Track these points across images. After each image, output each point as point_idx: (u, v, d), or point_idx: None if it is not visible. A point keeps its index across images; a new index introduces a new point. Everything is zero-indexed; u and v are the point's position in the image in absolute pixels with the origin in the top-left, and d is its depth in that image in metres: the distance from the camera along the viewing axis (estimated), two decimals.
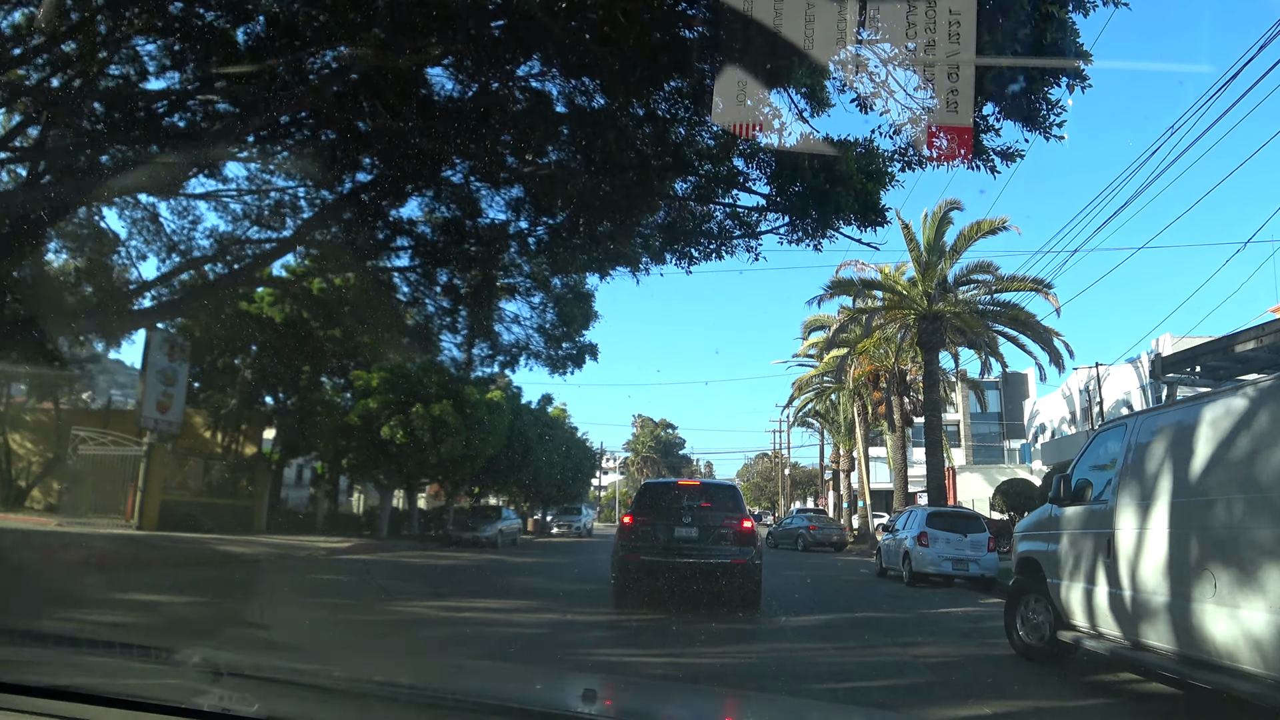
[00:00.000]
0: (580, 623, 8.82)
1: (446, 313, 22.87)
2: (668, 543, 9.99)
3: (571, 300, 20.67)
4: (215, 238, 18.49)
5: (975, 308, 25.58)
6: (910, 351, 28.48)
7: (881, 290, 26.76)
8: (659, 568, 9.87)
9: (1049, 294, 24.40)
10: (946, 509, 18.51)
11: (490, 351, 23.18)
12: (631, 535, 10.19)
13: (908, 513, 17.46)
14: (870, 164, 7.71)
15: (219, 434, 28.62)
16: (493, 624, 8.43)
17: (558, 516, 43.19)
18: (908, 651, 7.57)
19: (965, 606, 12.40)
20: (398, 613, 9.13)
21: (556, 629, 8.06)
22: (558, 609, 9.91)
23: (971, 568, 15.38)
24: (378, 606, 9.42)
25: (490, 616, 9.12)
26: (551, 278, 20.42)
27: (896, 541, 16.94)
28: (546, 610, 9.92)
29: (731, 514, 10.43)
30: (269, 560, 16.94)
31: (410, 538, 27.40)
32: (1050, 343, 24.20)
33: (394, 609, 9.42)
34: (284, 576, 13.50)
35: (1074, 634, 6.67)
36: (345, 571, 15.05)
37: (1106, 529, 6.23)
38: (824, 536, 31.20)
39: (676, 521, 10.18)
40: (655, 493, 11.56)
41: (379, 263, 20.75)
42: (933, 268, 25.97)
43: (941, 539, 15.58)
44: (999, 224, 25.33)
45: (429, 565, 17.77)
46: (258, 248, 18.35)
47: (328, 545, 21.23)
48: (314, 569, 15.24)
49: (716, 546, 10.07)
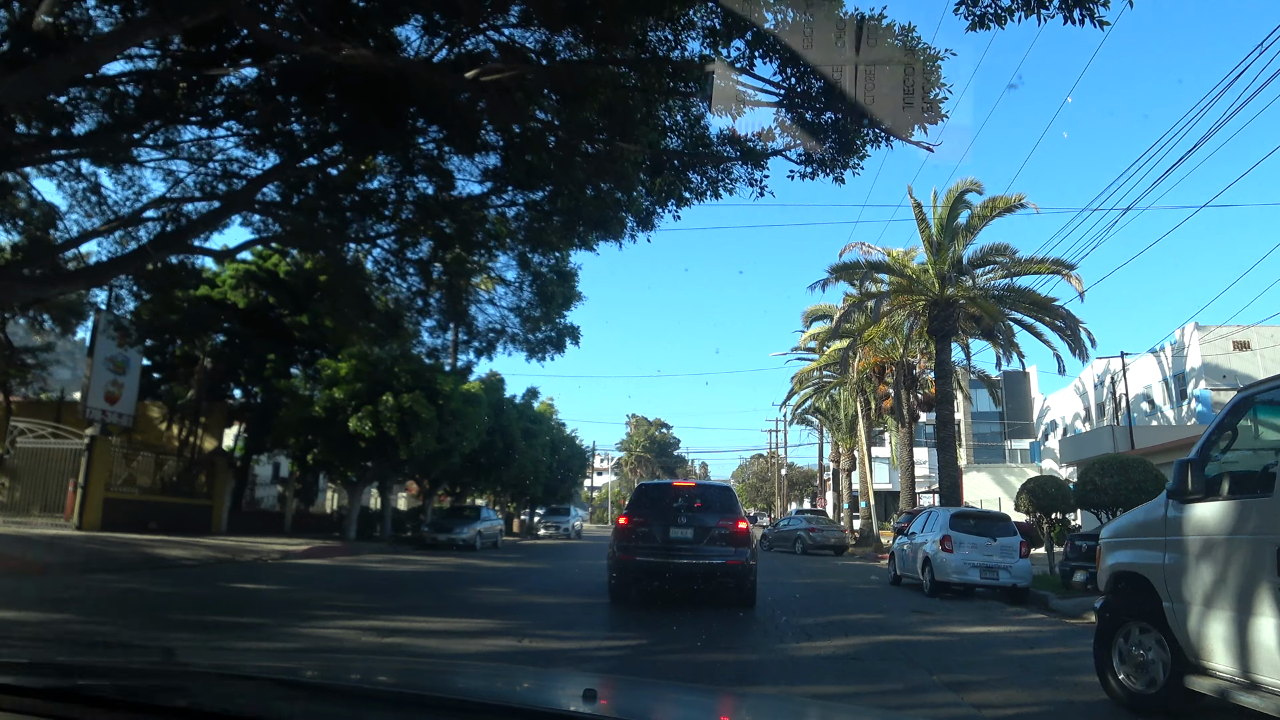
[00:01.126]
0: (536, 653, 6.85)
1: (418, 294, 20.98)
2: (663, 543, 10.11)
3: (553, 280, 18.72)
4: (157, 200, 16.60)
5: (992, 292, 23.69)
6: (920, 342, 26.58)
7: (890, 274, 24.84)
8: (654, 568, 10.05)
9: (1072, 276, 22.52)
10: (972, 509, 16.59)
11: (466, 337, 21.24)
12: (627, 536, 10.32)
13: (926, 514, 15.53)
14: (911, 38, 5.81)
15: (177, 428, 26.54)
16: (420, 653, 6.47)
17: (545, 518, 41.14)
18: (964, 698, 5.65)
19: (1007, 625, 10.48)
20: (302, 636, 7.16)
21: (501, 662, 6.10)
22: (515, 631, 7.97)
23: (1001, 576, 13.47)
24: (280, 628, 7.43)
25: (422, 643, 7.15)
26: (531, 254, 18.48)
27: (914, 546, 15.03)
28: (501, 633, 7.97)
29: (726, 515, 10.47)
30: (204, 566, 14.98)
31: (381, 540, 25.39)
32: (1075, 329, 22.30)
33: (300, 630, 7.45)
34: (199, 586, 11.52)
35: (1214, 682, 4.75)
36: (282, 580, 13.07)
37: (1273, 533, 4.31)
38: (823, 539, 29.75)
39: (672, 522, 10.25)
40: (651, 494, 11.42)
41: (346, 238, 18.97)
42: (945, 249, 24.07)
43: (967, 543, 13.67)
44: (1016, 201, 23.47)
45: (386, 572, 15.79)
46: (207, 206, 16.40)
47: (283, 548, 19.27)
48: (246, 576, 13.25)
49: (712, 547, 10.14)
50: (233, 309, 26.70)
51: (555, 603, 11.23)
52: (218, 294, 26.70)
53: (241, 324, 26.93)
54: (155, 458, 23.69)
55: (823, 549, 29.19)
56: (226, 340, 27.20)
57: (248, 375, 27.02)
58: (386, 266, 20.07)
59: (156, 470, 23.71)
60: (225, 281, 26.59)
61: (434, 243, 18.70)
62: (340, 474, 24.20)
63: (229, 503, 26.41)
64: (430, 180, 17.31)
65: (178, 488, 24.48)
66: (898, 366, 28.73)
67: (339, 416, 22.74)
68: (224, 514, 25.79)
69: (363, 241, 19.04)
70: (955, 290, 24.12)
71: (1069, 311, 22.39)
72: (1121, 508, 14.15)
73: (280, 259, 27.10)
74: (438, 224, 17.81)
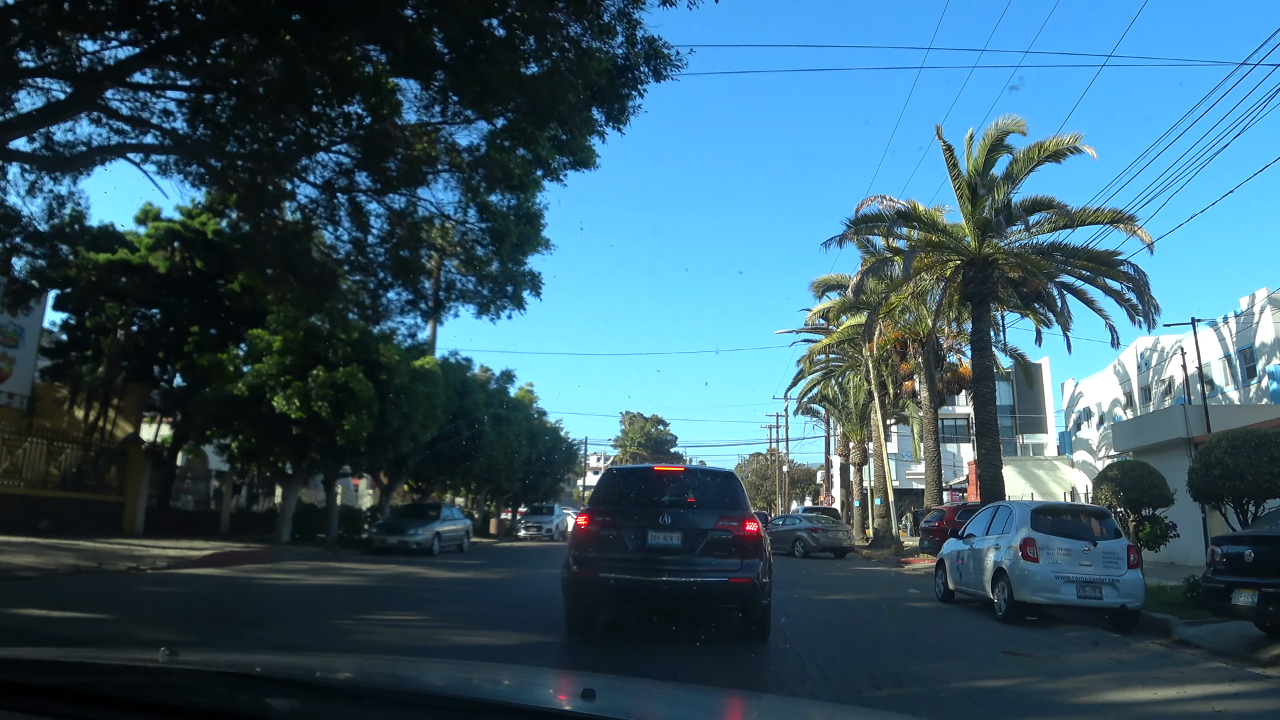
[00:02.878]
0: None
1: (357, 247, 17.31)
2: (639, 553, 7.21)
3: (508, 218, 14.96)
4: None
5: (1039, 248, 20.05)
6: (950, 312, 22.88)
7: (918, 228, 21.14)
8: (626, 589, 7.20)
9: (1136, 228, 18.86)
10: (1060, 504, 12.95)
11: (411, 296, 17.47)
12: (588, 543, 7.36)
13: (991, 511, 11.80)
14: None
15: (81, 411, 22.79)
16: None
17: (526, 517, 37.36)
18: None
19: (1178, 684, 6.73)
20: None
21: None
22: None
23: (1106, 593, 9.83)
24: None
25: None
26: (481, 184, 14.79)
27: (974, 553, 11.38)
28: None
29: (729, 513, 7.46)
30: (45, 578, 11.35)
31: (321, 543, 21.65)
32: (1143, 289, 18.64)
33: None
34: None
35: None
36: (102, 604, 9.35)
37: None
38: (828, 540, 26.67)
39: (651, 523, 7.34)
40: (622, 483, 8.21)
41: (267, 176, 15.38)
42: (981, 200, 20.39)
43: (1057, 548, 10.03)
44: (1068, 144, 19.78)
45: (280, 587, 12.13)
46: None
47: (182, 554, 15.61)
48: (63, 596, 9.53)
49: (707, 559, 7.23)
50: (155, 275, 22.94)
51: (477, 644, 7.54)
52: (137, 258, 22.96)
53: (167, 292, 23.24)
54: (48, 445, 19.93)
55: (825, 551, 26.31)
56: (146, 311, 23.50)
57: (168, 351, 23.24)
58: (314, 210, 16.44)
59: (49, 460, 19.96)
60: (142, 242, 22.83)
61: (373, 178, 15.13)
62: (269, 464, 20.44)
63: (148, 500, 22.68)
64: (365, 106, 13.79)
65: (80, 481, 20.76)
66: (921, 343, 25.05)
67: (266, 395, 19.03)
68: (140, 512, 22.07)
69: (283, 176, 15.42)
70: (995, 248, 20.49)
71: (1137, 266, 18.71)
72: (1256, 499, 10.51)
73: (211, 217, 23.33)
74: (381, 163, 14.27)
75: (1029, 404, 43.42)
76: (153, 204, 24.15)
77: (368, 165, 14.89)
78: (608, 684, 2.40)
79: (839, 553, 26.63)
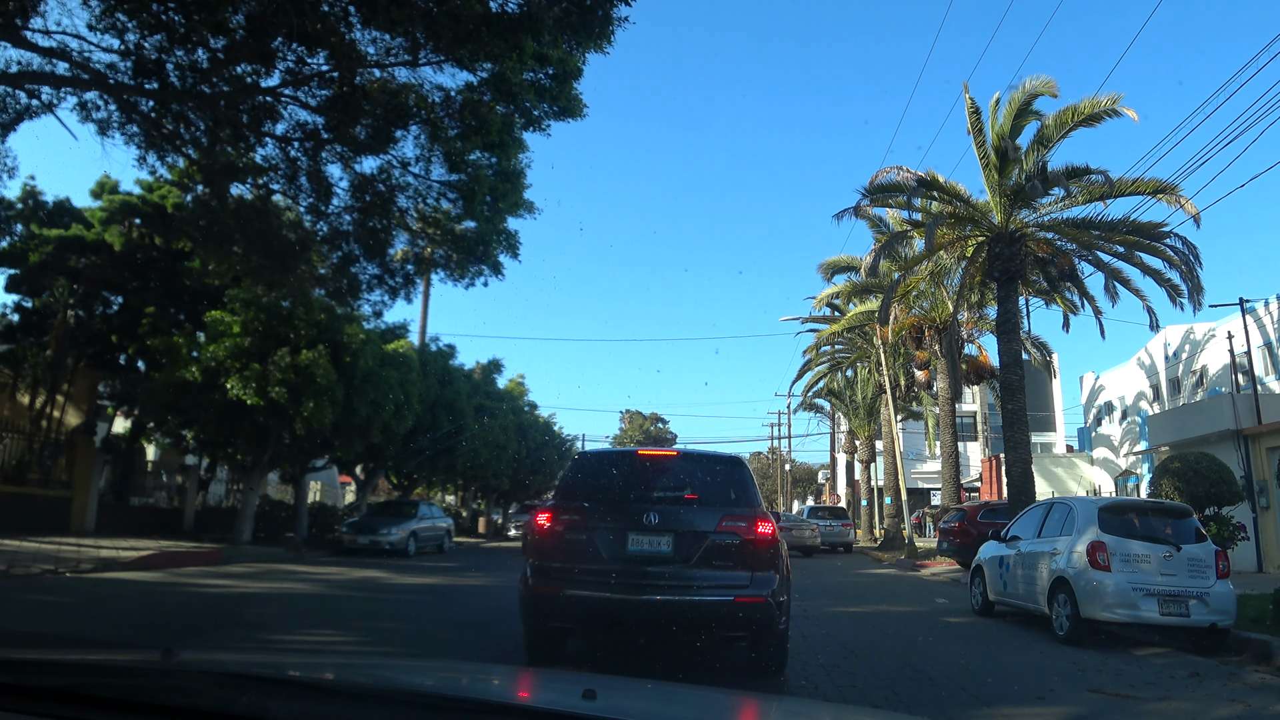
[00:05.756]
0: None
1: (318, 215, 15.54)
2: (617, 564, 5.43)
3: (490, 175, 13.14)
4: None
5: (1074, 221, 18.23)
6: (972, 295, 21.05)
7: (938, 198, 19.31)
8: (598, 610, 5.44)
9: (1181, 199, 17.05)
10: (1132, 501, 11.09)
11: (378, 272, 15.67)
12: (551, 549, 5.66)
13: (1043, 509, 9.96)
14: None
15: (32, 398, 21.00)
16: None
17: (515, 516, 35.53)
18: None
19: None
20: None
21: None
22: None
23: (1194, 609, 8.02)
24: None
25: None
26: (466, 151, 12.98)
27: (1023, 558, 9.57)
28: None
29: (736, 510, 5.70)
30: None
31: (287, 543, 19.84)
32: (1191, 263, 16.84)
33: None
34: None
35: None
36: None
37: None
38: (831, 539, 26.75)
39: (633, 523, 5.57)
40: (596, 470, 6.43)
41: (214, 133, 13.73)
42: (1010, 168, 18.56)
43: (1134, 554, 8.23)
44: (1105, 106, 17.92)
45: (205, 596, 10.38)
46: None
47: (117, 554, 13.88)
48: None
49: (706, 571, 5.46)
50: (110, 252, 21.16)
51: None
52: (92, 234, 21.19)
53: (125, 272, 21.47)
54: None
55: (826, 550, 26.35)
56: (97, 290, 21.68)
57: (124, 335, 21.44)
58: (273, 170, 14.69)
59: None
60: (96, 217, 21.04)
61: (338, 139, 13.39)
62: (228, 456, 18.64)
63: (101, 495, 20.88)
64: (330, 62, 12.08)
65: (20, 474, 18.97)
66: (939, 329, 23.23)
67: (220, 380, 17.25)
68: (90, 509, 20.25)
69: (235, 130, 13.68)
70: (1019, 225, 18.68)
71: (1185, 239, 16.89)
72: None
73: (171, 190, 21.51)
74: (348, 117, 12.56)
75: (1035, 401, 41.63)
76: (110, 176, 22.36)
77: (332, 121, 13.18)
78: (609, 684, 2.26)
79: (835, 550, 26.84)
